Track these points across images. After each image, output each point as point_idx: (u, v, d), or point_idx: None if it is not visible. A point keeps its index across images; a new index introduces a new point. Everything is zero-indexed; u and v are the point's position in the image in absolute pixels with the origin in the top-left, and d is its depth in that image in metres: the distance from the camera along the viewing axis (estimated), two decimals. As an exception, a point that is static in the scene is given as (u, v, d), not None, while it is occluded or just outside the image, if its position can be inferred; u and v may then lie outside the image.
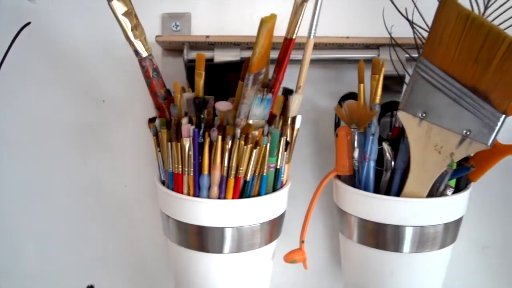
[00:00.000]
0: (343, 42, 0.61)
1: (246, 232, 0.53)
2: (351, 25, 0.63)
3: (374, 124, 0.52)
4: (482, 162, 0.53)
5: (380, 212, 0.53)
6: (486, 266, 0.67)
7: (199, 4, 0.66)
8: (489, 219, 0.67)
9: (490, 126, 0.47)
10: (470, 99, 0.47)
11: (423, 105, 0.49)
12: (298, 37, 0.52)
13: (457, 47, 0.47)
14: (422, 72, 0.49)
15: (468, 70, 0.47)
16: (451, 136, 0.49)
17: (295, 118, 0.54)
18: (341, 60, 0.63)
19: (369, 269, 0.56)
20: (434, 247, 0.53)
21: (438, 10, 0.47)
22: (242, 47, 0.61)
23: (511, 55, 0.45)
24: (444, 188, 0.52)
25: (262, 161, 0.51)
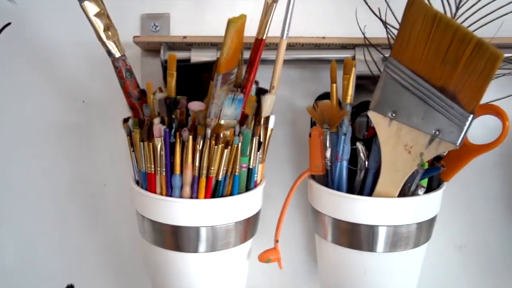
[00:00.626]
0: (320, 42, 0.61)
1: (221, 231, 0.53)
2: (328, 25, 0.64)
3: (346, 124, 0.52)
4: (454, 162, 0.53)
5: (353, 212, 0.53)
6: (463, 265, 0.68)
7: (178, 5, 0.66)
8: (466, 219, 0.67)
9: (458, 126, 0.47)
10: (438, 99, 0.47)
11: (393, 105, 0.49)
12: (275, 38, 0.53)
13: (425, 47, 0.47)
14: (391, 72, 0.49)
15: (436, 70, 0.47)
16: (420, 136, 0.49)
17: (268, 118, 0.55)
18: (318, 60, 0.63)
19: (343, 269, 0.56)
20: (408, 247, 0.54)
21: (406, 10, 0.47)
22: (219, 47, 0.61)
23: (477, 55, 0.45)
24: (416, 188, 0.52)
25: (234, 161, 0.51)
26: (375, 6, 0.55)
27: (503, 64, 0.54)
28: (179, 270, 0.55)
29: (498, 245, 0.67)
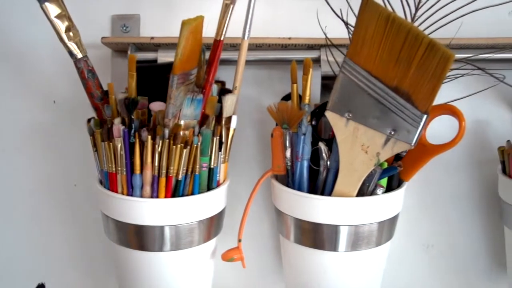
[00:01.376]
0: (286, 43, 0.61)
1: (184, 230, 0.54)
2: (296, 26, 0.64)
3: (305, 124, 0.52)
4: (413, 162, 0.53)
5: (314, 212, 0.53)
6: (430, 264, 0.68)
7: (148, 6, 0.67)
8: (433, 218, 0.67)
9: (413, 126, 0.48)
10: (393, 99, 0.48)
11: (349, 106, 0.50)
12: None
13: (379, 47, 0.47)
14: (347, 72, 0.49)
15: (390, 71, 0.47)
16: (376, 136, 0.49)
17: (231, 118, 0.55)
18: (285, 61, 0.63)
19: (305, 268, 0.56)
20: (370, 245, 0.54)
21: (360, 11, 0.47)
22: (186, 48, 0.62)
23: (429, 56, 0.45)
24: (375, 188, 0.52)
25: (194, 161, 0.52)
26: (337, 7, 0.56)
27: (463, 65, 0.54)
28: (144, 269, 0.55)
29: (464, 245, 0.67)
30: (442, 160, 0.65)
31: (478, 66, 0.53)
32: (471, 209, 0.67)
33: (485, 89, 0.57)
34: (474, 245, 0.67)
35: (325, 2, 0.55)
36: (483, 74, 0.53)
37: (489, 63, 0.63)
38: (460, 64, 0.54)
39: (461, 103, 0.64)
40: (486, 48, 0.61)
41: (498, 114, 0.65)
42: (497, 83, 0.56)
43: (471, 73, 0.53)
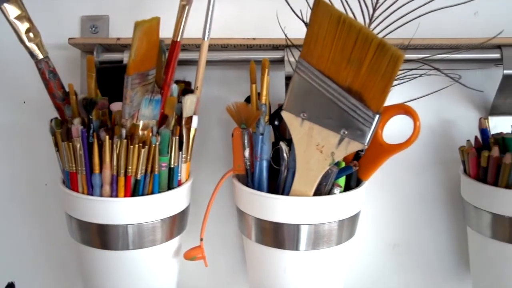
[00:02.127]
0: (251, 43, 0.62)
1: (147, 229, 0.54)
2: (260, 26, 0.64)
3: (262, 124, 0.53)
4: (371, 161, 0.54)
5: (273, 212, 0.53)
6: (397, 263, 0.68)
7: (117, 7, 0.67)
8: (399, 218, 0.67)
9: (365, 126, 0.48)
10: (346, 99, 0.48)
11: (304, 105, 0.50)
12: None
13: (331, 48, 0.48)
14: (301, 72, 0.50)
15: (342, 71, 0.48)
16: (330, 136, 0.49)
17: (191, 119, 0.55)
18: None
19: (268, 267, 0.56)
20: (330, 244, 0.54)
21: (312, 12, 0.48)
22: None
23: (380, 56, 0.46)
24: (332, 187, 0.52)
25: (153, 161, 0.52)
26: (297, 8, 0.56)
27: (421, 65, 0.54)
28: (108, 268, 0.56)
29: (431, 244, 0.67)
30: (408, 160, 0.66)
31: (434, 66, 0.53)
32: (437, 208, 0.67)
33: (440, 89, 0.58)
34: (440, 244, 0.67)
35: (286, 3, 0.56)
36: (440, 74, 0.53)
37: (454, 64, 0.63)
38: (418, 64, 0.54)
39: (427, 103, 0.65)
40: (450, 49, 0.61)
41: (465, 114, 0.66)
42: (452, 83, 0.56)
43: (428, 73, 0.53)
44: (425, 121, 0.66)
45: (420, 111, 0.65)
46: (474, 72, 0.65)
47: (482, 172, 0.56)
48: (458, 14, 0.64)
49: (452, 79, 0.54)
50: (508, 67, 0.60)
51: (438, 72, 0.53)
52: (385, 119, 0.52)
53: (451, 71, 0.54)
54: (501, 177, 0.54)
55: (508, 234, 0.55)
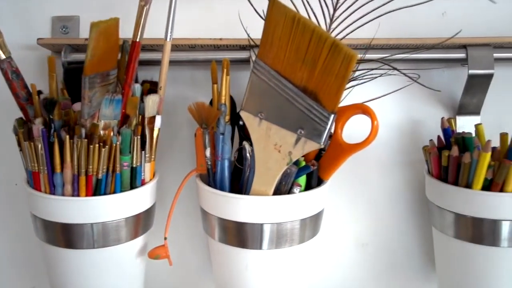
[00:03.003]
0: (218, 44, 0.62)
1: (111, 227, 0.55)
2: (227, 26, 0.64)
3: (222, 123, 0.53)
4: (331, 161, 0.54)
5: (235, 211, 0.53)
6: (366, 262, 0.68)
7: (88, 8, 0.67)
8: (369, 217, 0.68)
9: (321, 126, 0.48)
10: (301, 99, 0.48)
11: (261, 105, 0.50)
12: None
13: (286, 48, 0.48)
14: (258, 72, 0.50)
15: (298, 71, 0.48)
16: (288, 136, 0.50)
17: (154, 118, 0.56)
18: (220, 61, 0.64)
19: (231, 267, 0.57)
20: (293, 243, 0.54)
21: (267, 12, 0.48)
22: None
23: (333, 56, 0.46)
24: (292, 186, 0.53)
25: (114, 160, 0.53)
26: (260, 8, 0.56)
27: (381, 65, 0.55)
28: (73, 268, 0.56)
29: (399, 243, 0.68)
30: (376, 160, 0.66)
31: (392, 66, 0.53)
32: (405, 208, 0.67)
33: (398, 89, 0.58)
34: (408, 243, 0.68)
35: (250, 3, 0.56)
36: (399, 74, 0.53)
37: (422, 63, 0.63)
38: (381, 64, 0.54)
39: (396, 103, 0.65)
40: (417, 48, 0.61)
41: (433, 114, 0.66)
42: (411, 83, 0.56)
43: (388, 73, 0.54)
44: (394, 121, 0.66)
45: (388, 111, 0.66)
46: (442, 71, 0.66)
47: (444, 171, 0.56)
48: (427, 14, 0.65)
49: (411, 79, 0.54)
50: (473, 67, 0.60)
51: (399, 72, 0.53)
52: (344, 119, 0.52)
53: (411, 71, 0.54)
54: (461, 176, 0.54)
55: (471, 234, 0.55)
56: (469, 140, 0.54)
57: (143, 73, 0.62)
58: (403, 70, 0.54)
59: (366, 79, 0.54)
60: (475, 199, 0.53)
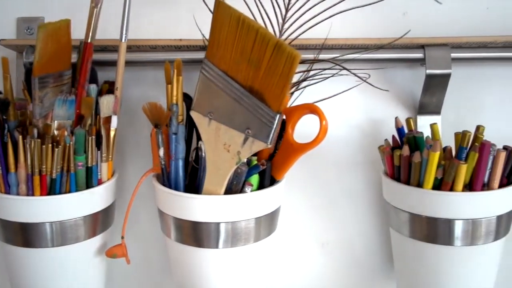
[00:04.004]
0: (178, 44, 0.63)
1: (69, 226, 0.55)
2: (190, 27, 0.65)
3: (174, 124, 0.53)
4: (284, 160, 0.54)
5: (189, 211, 0.54)
6: (326, 261, 0.68)
7: (52, 9, 0.68)
8: (329, 217, 0.68)
9: (267, 125, 0.49)
10: (248, 99, 0.49)
11: (210, 105, 0.51)
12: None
13: (232, 48, 0.48)
14: (206, 73, 0.50)
15: (243, 71, 0.48)
16: (236, 135, 0.50)
17: (110, 119, 0.56)
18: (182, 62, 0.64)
19: (188, 266, 0.57)
20: (249, 241, 0.55)
21: (213, 13, 0.49)
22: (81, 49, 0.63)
23: (277, 56, 0.46)
24: (243, 186, 0.53)
25: (68, 160, 0.53)
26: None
27: (333, 65, 0.55)
28: (31, 267, 0.57)
29: (359, 242, 0.68)
30: (338, 160, 0.66)
31: (343, 66, 0.54)
32: (365, 207, 0.67)
33: (348, 89, 0.58)
34: (368, 242, 0.68)
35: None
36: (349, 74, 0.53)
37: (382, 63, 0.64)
38: (331, 65, 0.55)
39: (357, 103, 0.65)
40: (380, 48, 0.61)
41: (394, 113, 0.66)
42: (360, 83, 0.57)
43: (340, 73, 0.54)
44: (355, 120, 0.67)
45: (349, 111, 0.66)
46: (403, 71, 0.66)
47: (397, 171, 0.56)
48: (389, 15, 0.65)
49: (360, 79, 0.55)
50: (431, 67, 0.61)
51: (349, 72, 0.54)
52: (294, 118, 0.52)
53: (361, 71, 0.54)
54: (413, 176, 0.54)
55: (425, 233, 0.56)
56: (420, 140, 0.54)
57: (111, 74, 0.63)
58: (353, 70, 0.54)
59: (319, 79, 0.54)
60: (426, 198, 0.54)
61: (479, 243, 0.55)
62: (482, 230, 0.55)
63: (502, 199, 0.54)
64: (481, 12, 0.63)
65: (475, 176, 0.52)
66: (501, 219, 0.55)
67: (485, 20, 0.63)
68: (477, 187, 0.52)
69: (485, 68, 0.65)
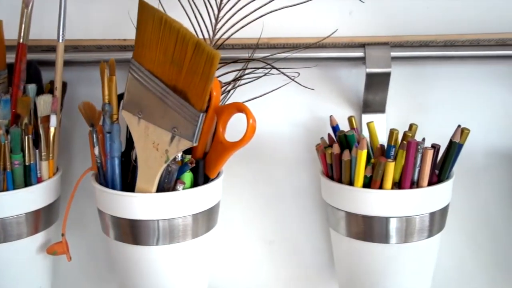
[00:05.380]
0: (123, 44, 0.63)
1: (9, 223, 0.56)
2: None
3: (107, 123, 0.54)
4: (215, 158, 0.54)
5: (126, 209, 0.54)
6: (272, 259, 0.69)
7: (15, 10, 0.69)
8: (275, 215, 0.68)
9: (192, 124, 0.49)
10: (173, 98, 0.49)
11: (139, 105, 0.51)
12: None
13: (156, 48, 0.49)
14: (134, 73, 0.51)
15: (167, 71, 0.49)
16: (163, 134, 0.51)
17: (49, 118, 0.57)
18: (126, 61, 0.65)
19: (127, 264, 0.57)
20: (186, 238, 0.55)
21: (138, 14, 0.49)
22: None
23: (197, 56, 0.47)
24: (175, 184, 0.54)
25: (4, 158, 0.54)
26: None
27: (264, 65, 0.55)
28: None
29: (305, 240, 0.68)
30: (282, 158, 0.67)
31: (273, 66, 0.54)
32: (310, 205, 0.68)
33: (277, 88, 0.59)
34: (313, 241, 0.68)
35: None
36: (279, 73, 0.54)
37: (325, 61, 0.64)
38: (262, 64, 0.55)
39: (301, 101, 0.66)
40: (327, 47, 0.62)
41: (339, 112, 0.66)
42: (288, 82, 0.57)
43: (270, 73, 0.54)
44: (300, 119, 0.67)
45: (294, 109, 0.67)
46: (349, 70, 0.66)
47: (330, 169, 0.56)
48: (335, 14, 0.66)
49: (289, 78, 0.55)
50: (371, 66, 0.61)
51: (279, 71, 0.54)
52: (224, 117, 0.53)
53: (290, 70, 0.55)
54: (343, 174, 0.54)
55: (361, 231, 0.56)
56: (351, 138, 0.55)
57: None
58: (281, 69, 0.54)
59: (252, 78, 0.55)
60: (356, 197, 0.54)
61: (413, 240, 0.55)
62: (416, 227, 0.55)
63: (433, 197, 0.54)
64: (422, 11, 0.64)
65: (403, 174, 0.52)
66: (434, 216, 0.55)
67: (426, 19, 0.63)
68: (406, 185, 0.53)
69: (427, 66, 0.65)
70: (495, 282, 0.69)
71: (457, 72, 0.65)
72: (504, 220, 0.68)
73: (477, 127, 0.66)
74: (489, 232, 0.68)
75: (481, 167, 0.67)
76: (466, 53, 0.63)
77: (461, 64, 0.65)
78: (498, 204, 0.68)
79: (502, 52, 0.62)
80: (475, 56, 0.63)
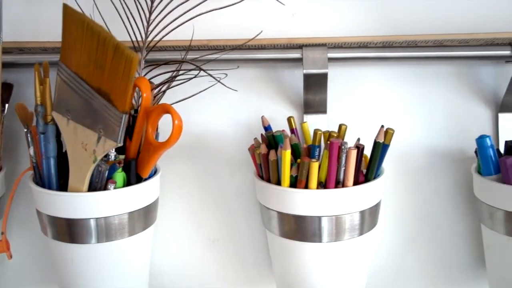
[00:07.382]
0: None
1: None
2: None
3: (41, 123, 0.55)
4: (146, 159, 0.55)
5: (61, 208, 0.55)
6: (215, 257, 0.70)
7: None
8: (219, 213, 0.69)
9: (115, 125, 0.50)
10: (98, 100, 0.50)
11: (67, 106, 0.53)
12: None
13: (81, 51, 0.50)
14: (61, 74, 0.52)
15: (92, 73, 0.50)
16: (91, 135, 0.52)
17: None
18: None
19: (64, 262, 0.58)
20: (123, 235, 0.56)
21: (62, 17, 0.50)
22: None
23: (117, 58, 0.48)
24: (106, 183, 0.55)
25: None
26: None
27: (195, 68, 0.56)
28: None
29: (247, 239, 0.69)
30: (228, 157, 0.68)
31: (201, 67, 0.55)
32: (254, 204, 0.68)
33: (204, 89, 0.59)
34: (256, 238, 0.69)
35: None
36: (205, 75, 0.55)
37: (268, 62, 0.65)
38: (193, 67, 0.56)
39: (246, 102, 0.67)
40: (267, 49, 0.63)
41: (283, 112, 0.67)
42: (214, 83, 0.58)
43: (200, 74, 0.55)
44: (244, 119, 0.68)
45: (239, 110, 0.67)
46: (292, 71, 0.67)
47: (260, 169, 0.57)
48: (278, 15, 0.66)
49: (215, 79, 0.56)
50: (308, 67, 0.62)
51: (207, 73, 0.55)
52: (152, 118, 0.54)
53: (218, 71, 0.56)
54: (271, 174, 0.55)
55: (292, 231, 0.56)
56: (279, 138, 0.55)
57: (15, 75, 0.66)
58: (208, 71, 0.55)
59: (184, 79, 0.56)
60: (284, 196, 0.55)
61: (345, 238, 0.56)
62: (346, 226, 0.56)
63: (361, 196, 0.55)
64: (360, 12, 0.64)
65: (328, 174, 0.53)
66: (364, 215, 0.56)
67: (365, 20, 0.64)
68: (330, 184, 0.53)
69: (366, 67, 0.66)
70: (433, 280, 0.70)
71: (396, 73, 0.66)
72: (443, 218, 0.69)
73: (418, 127, 0.67)
74: (428, 230, 0.69)
75: (422, 166, 0.68)
76: (403, 54, 0.63)
77: (400, 65, 0.66)
78: (438, 203, 0.68)
79: (439, 53, 0.63)
80: (412, 57, 0.63)
